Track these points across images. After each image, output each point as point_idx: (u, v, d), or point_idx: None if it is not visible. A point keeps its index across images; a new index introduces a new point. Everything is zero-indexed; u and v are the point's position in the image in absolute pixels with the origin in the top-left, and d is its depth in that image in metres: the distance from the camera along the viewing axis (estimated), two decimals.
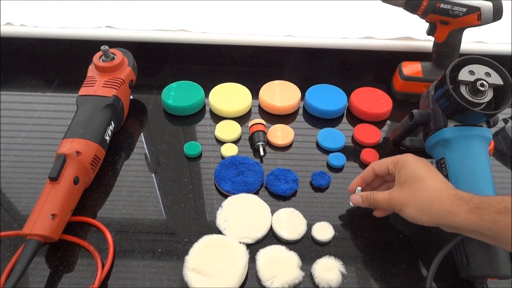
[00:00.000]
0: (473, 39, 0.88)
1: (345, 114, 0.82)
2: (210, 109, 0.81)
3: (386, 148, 0.75)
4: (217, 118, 0.79)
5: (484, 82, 0.55)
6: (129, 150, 0.73)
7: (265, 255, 0.57)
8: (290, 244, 0.60)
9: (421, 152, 0.71)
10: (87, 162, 0.62)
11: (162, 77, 0.89)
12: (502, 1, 0.71)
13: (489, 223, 0.45)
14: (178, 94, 0.80)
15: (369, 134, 0.76)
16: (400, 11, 0.74)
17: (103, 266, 0.55)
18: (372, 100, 0.81)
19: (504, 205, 0.45)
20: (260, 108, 0.82)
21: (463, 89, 0.57)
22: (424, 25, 0.77)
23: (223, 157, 0.71)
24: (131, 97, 0.82)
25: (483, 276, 0.53)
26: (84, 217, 0.61)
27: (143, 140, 0.75)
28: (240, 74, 0.90)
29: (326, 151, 0.74)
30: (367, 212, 0.64)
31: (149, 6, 0.91)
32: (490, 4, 0.70)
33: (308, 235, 0.61)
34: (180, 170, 0.69)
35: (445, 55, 0.79)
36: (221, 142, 0.74)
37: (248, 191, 0.65)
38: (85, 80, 0.72)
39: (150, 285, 0.55)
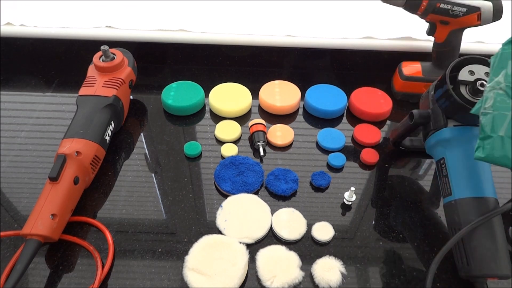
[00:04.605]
0: (473, 39, 0.88)
1: (345, 114, 0.82)
2: (210, 109, 0.81)
3: (386, 148, 0.75)
4: (217, 118, 0.79)
5: (484, 82, 0.55)
6: (129, 150, 0.73)
7: (265, 255, 0.57)
8: (290, 244, 0.60)
9: (421, 152, 0.72)
10: (87, 162, 0.62)
11: (162, 77, 0.89)
12: (502, 1, 0.71)
13: None
14: (178, 94, 0.80)
15: (369, 134, 0.76)
16: (400, 11, 0.74)
17: (103, 266, 0.55)
18: (372, 100, 0.81)
19: None
20: (260, 108, 0.82)
21: (463, 89, 0.57)
22: (424, 25, 0.77)
23: (223, 157, 0.71)
24: (131, 97, 0.82)
25: (483, 276, 0.53)
26: (84, 217, 0.61)
27: (143, 140, 0.75)
28: (240, 74, 0.90)
29: (326, 151, 0.74)
30: (367, 212, 0.64)
31: (149, 6, 0.91)
32: (490, 4, 0.70)
33: (308, 235, 0.61)
34: (180, 170, 0.69)
35: (445, 55, 0.79)
36: (221, 142, 0.74)
37: (248, 191, 0.65)
38: (85, 80, 0.72)
39: (150, 285, 0.55)
